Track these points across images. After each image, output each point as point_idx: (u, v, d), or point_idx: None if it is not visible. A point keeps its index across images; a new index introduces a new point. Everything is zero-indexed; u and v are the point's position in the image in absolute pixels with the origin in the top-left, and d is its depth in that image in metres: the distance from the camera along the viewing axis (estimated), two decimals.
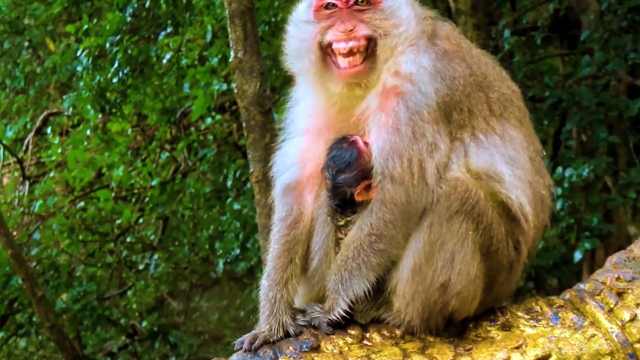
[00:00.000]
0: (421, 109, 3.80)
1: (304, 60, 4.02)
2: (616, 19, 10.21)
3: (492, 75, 4.08)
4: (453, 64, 3.93)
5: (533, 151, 4.10)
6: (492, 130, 3.95)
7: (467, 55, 4.02)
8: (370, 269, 3.82)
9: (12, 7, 13.54)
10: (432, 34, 3.99)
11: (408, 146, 3.77)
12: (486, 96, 3.99)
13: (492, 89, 4.03)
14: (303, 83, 4.16)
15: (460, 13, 10.48)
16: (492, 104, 4.00)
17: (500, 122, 3.99)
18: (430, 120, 3.80)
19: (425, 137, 3.79)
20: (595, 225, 9.18)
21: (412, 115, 3.79)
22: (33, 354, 14.61)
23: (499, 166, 3.90)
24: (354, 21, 3.89)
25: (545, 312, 3.97)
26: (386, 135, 3.80)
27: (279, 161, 4.15)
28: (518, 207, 3.92)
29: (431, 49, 3.93)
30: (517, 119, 4.08)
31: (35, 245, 13.70)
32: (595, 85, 9.87)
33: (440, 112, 3.83)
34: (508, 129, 4.00)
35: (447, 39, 4.01)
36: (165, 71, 12.27)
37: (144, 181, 13.67)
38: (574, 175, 8.96)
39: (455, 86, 3.88)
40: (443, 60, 3.92)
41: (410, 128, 3.78)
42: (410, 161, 3.77)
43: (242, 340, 3.84)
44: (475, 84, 3.97)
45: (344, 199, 3.93)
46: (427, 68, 3.88)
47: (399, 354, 3.75)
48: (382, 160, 3.80)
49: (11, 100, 15.09)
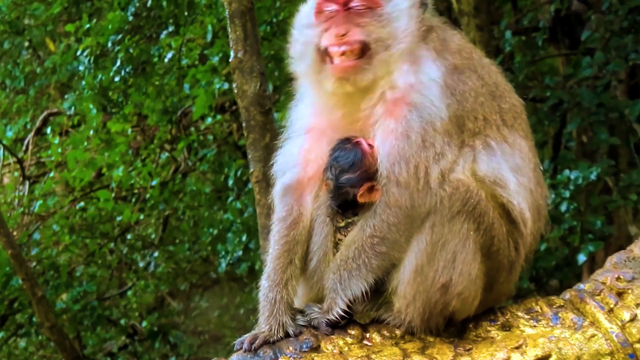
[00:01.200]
0: (434, 120, 3.81)
1: (305, 62, 4.03)
2: (617, 20, 10.21)
3: (502, 86, 4.11)
4: (464, 77, 3.93)
5: (535, 163, 4.13)
6: (504, 139, 3.97)
7: (478, 66, 4.03)
8: (370, 271, 3.82)
9: (12, 7, 13.55)
10: (441, 49, 3.98)
11: (416, 153, 3.77)
12: (499, 106, 4.02)
13: (503, 99, 4.06)
14: (306, 85, 4.17)
15: (463, 14, 10.47)
16: (504, 114, 4.02)
17: (511, 132, 4.02)
18: (442, 131, 3.82)
19: (434, 146, 3.80)
20: (598, 228, 9.18)
21: (425, 124, 3.80)
22: (33, 354, 14.62)
23: (505, 173, 3.92)
24: (348, 25, 3.88)
25: (545, 312, 3.97)
26: (394, 140, 3.80)
27: (280, 160, 4.15)
28: (519, 212, 3.93)
29: (441, 63, 3.93)
30: (524, 131, 4.12)
31: (35, 245, 13.70)
32: (596, 86, 9.87)
33: (452, 124, 3.85)
34: (517, 138, 4.03)
35: (458, 53, 4.01)
36: (166, 70, 12.27)
37: (144, 181, 13.67)
38: (580, 177, 8.96)
39: (466, 99, 3.89)
40: (453, 75, 3.92)
41: (420, 136, 3.79)
42: (417, 167, 3.77)
43: (242, 340, 3.84)
44: (488, 93, 3.99)
45: (346, 200, 3.92)
46: (438, 83, 3.87)
47: (399, 354, 3.75)
48: (388, 165, 3.80)
49: (11, 100, 15.10)
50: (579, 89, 9.71)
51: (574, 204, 9.03)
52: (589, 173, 8.98)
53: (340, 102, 3.98)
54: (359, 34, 3.87)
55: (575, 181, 8.99)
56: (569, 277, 9.78)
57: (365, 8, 3.92)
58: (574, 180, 9.00)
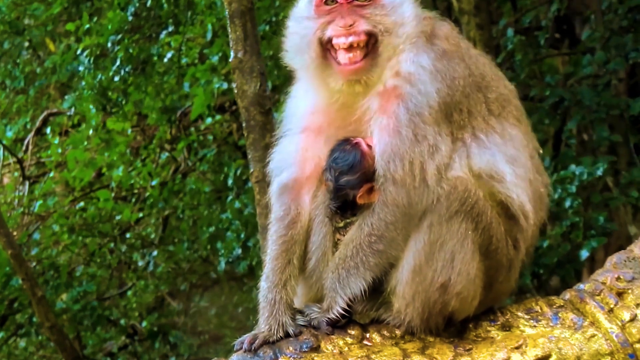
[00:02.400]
0: (422, 111, 3.80)
1: (304, 56, 4.00)
2: (617, 18, 10.21)
3: (489, 76, 4.08)
4: (452, 63, 3.92)
5: (532, 149, 4.11)
6: (492, 130, 3.95)
7: (465, 56, 4.01)
8: (367, 269, 3.82)
9: (12, 7, 13.54)
10: (430, 34, 3.98)
11: (409, 149, 3.77)
12: (484, 96, 3.99)
13: (490, 89, 4.03)
14: (303, 79, 4.14)
15: (464, 12, 10.45)
16: (491, 104, 4.00)
17: (499, 122, 3.99)
18: (431, 121, 3.80)
19: (427, 139, 3.78)
20: (600, 224, 9.17)
21: (413, 117, 3.78)
22: (33, 354, 14.61)
23: (500, 165, 3.90)
24: (354, 16, 3.87)
25: (545, 312, 3.96)
26: (387, 137, 3.80)
27: (276, 159, 4.13)
28: (518, 206, 3.92)
29: (430, 49, 3.92)
30: (515, 117, 4.09)
31: (35, 245, 13.70)
32: (596, 84, 9.87)
33: (441, 113, 3.83)
34: (507, 127, 4.01)
35: (446, 39, 4.00)
36: (166, 70, 12.27)
37: (144, 181, 13.66)
38: (585, 173, 8.95)
39: (455, 86, 3.88)
40: (442, 60, 3.91)
41: (411, 130, 3.77)
42: (412, 164, 3.76)
43: (242, 340, 3.84)
44: (474, 84, 3.97)
45: (345, 201, 3.92)
46: (426, 68, 3.87)
47: (399, 354, 3.75)
48: (383, 163, 3.80)
49: (11, 100, 15.10)
50: (579, 88, 9.71)
51: (578, 199, 9.02)
52: (595, 169, 8.97)
53: (341, 99, 3.96)
54: (365, 24, 3.86)
55: (580, 177, 8.98)
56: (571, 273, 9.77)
57: (367, 0, 3.91)
58: (579, 176, 8.99)
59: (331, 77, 3.91)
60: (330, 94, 3.98)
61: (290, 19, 4.11)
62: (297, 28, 4.05)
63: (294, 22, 4.09)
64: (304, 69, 4.08)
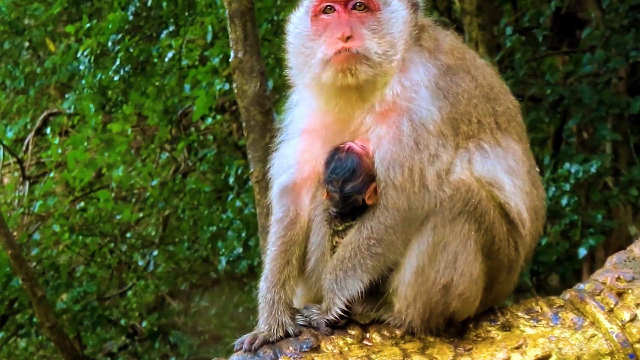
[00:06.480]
0: (426, 123, 3.80)
1: (308, 75, 3.97)
2: (617, 17, 10.21)
3: (497, 87, 4.09)
4: (457, 78, 3.92)
5: (530, 165, 4.13)
6: (497, 143, 3.96)
7: (472, 67, 4.01)
8: (365, 271, 3.82)
9: (12, 8, 13.56)
10: (434, 49, 3.96)
11: (409, 156, 3.77)
12: (493, 109, 4.00)
13: (498, 101, 4.04)
14: (302, 87, 4.14)
15: (466, 13, 10.44)
16: (498, 117, 4.01)
17: (505, 136, 4.00)
18: (436, 133, 3.80)
19: (429, 148, 3.79)
20: (598, 222, 9.18)
21: (417, 127, 3.79)
22: (33, 354, 14.61)
23: (500, 175, 3.91)
24: (351, 25, 3.84)
25: (545, 312, 3.96)
26: (387, 145, 3.80)
27: (276, 163, 4.14)
28: (517, 213, 3.93)
29: (433, 65, 3.91)
30: (518, 134, 4.11)
31: (35, 246, 13.71)
32: (597, 83, 9.87)
33: (446, 126, 3.83)
34: (510, 142, 4.02)
35: (451, 53, 3.99)
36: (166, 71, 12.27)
37: (144, 181, 13.67)
38: (580, 171, 8.95)
39: (459, 101, 3.87)
40: (446, 76, 3.90)
41: (413, 139, 3.77)
42: (411, 170, 3.77)
43: (242, 340, 3.84)
44: (482, 95, 3.97)
45: (354, 207, 3.89)
46: (428, 86, 3.85)
47: (399, 354, 3.75)
48: (383, 170, 3.81)
49: (11, 101, 15.12)
50: (580, 86, 9.71)
51: (574, 197, 9.03)
52: (589, 166, 8.97)
53: (336, 102, 3.94)
54: (359, 42, 3.82)
55: (575, 175, 8.99)
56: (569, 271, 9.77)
57: (364, 9, 3.90)
58: (575, 174, 9.00)
59: (325, 71, 3.87)
60: (325, 98, 3.97)
61: (291, 33, 4.08)
62: (299, 47, 4.02)
63: (293, 38, 4.06)
64: (308, 87, 4.06)
